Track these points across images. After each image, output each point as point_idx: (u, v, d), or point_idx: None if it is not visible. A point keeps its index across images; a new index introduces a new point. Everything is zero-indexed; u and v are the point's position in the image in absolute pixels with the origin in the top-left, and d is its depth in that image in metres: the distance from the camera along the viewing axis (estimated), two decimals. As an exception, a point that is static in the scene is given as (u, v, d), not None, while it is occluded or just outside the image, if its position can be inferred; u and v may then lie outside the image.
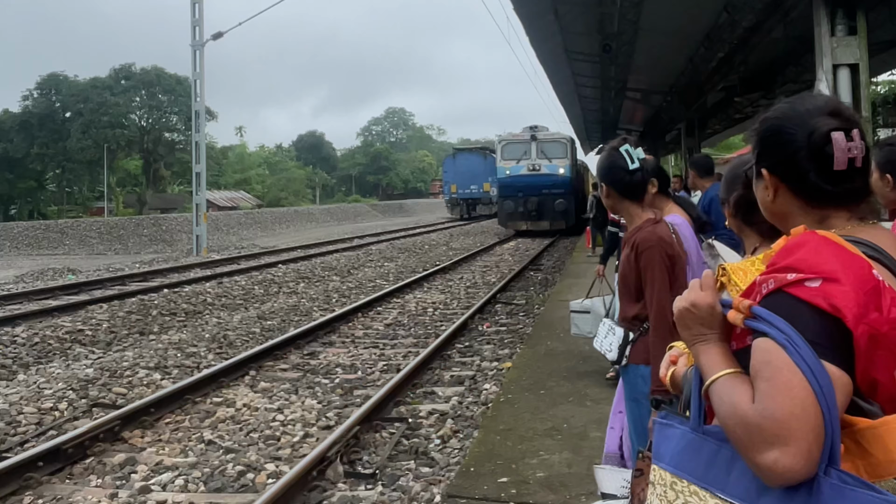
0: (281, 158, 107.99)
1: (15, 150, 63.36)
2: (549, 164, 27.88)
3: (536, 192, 27.64)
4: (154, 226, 38.72)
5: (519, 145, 28.57)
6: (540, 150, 28.10)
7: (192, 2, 25.15)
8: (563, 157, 28.16)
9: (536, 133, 28.50)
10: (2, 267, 27.40)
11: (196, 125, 25.69)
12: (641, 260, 2.78)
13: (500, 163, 28.97)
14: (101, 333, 10.32)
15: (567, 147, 28.68)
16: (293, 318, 11.49)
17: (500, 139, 29.53)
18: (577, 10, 13.58)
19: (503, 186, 28.87)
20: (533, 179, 27.80)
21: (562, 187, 27.92)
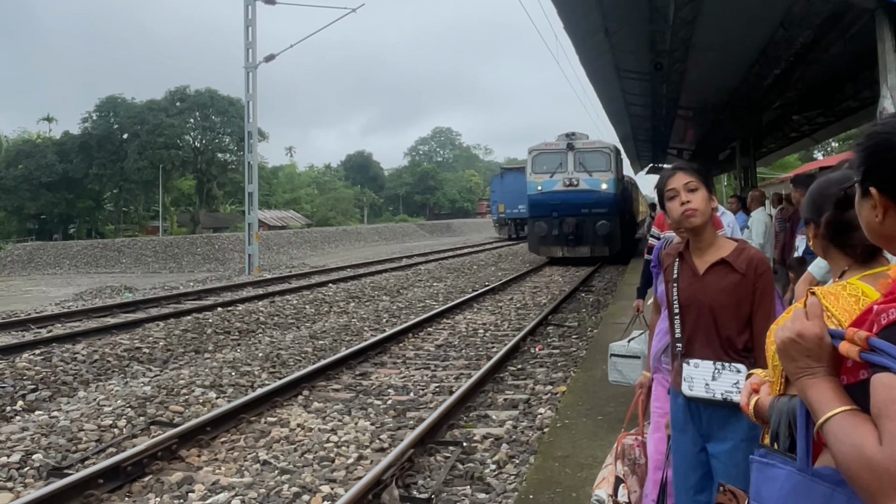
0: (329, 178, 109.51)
1: (75, 170, 65.48)
2: (588, 179, 23.27)
3: (574, 211, 23.23)
4: (207, 245, 39.46)
5: (553, 156, 23.78)
6: (578, 162, 23.39)
7: (245, 25, 25.75)
8: (605, 170, 23.47)
9: (574, 141, 23.70)
10: (62, 284, 28.24)
11: (248, 146, 26.19)
12: (761, 282, 2.56)
13: (531, 177, 24.11)
14: (158, 351, 10.50)
15: (610, 158, 23.74)
16: (344, 337, 11.53)
17: (531, 149, 24.37)
18: (627, 28, 13.50)
19: (534, 205, 24.18)
20: (570, 196, 23.25)
21: (605, 206, 23.26)
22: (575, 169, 23.38)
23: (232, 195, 77.29)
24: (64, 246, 43.71)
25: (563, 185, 23.40)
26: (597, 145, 24.08)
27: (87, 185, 67.71)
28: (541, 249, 24.56)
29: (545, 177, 23.67)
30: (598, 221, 23.17)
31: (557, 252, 23.98)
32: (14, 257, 40.88)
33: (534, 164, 24.14)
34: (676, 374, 2.64)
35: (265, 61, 26.09)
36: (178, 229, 68.64)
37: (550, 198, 23.45)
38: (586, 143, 23.91)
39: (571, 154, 23.52)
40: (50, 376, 8.85)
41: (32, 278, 34.08)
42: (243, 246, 28.73)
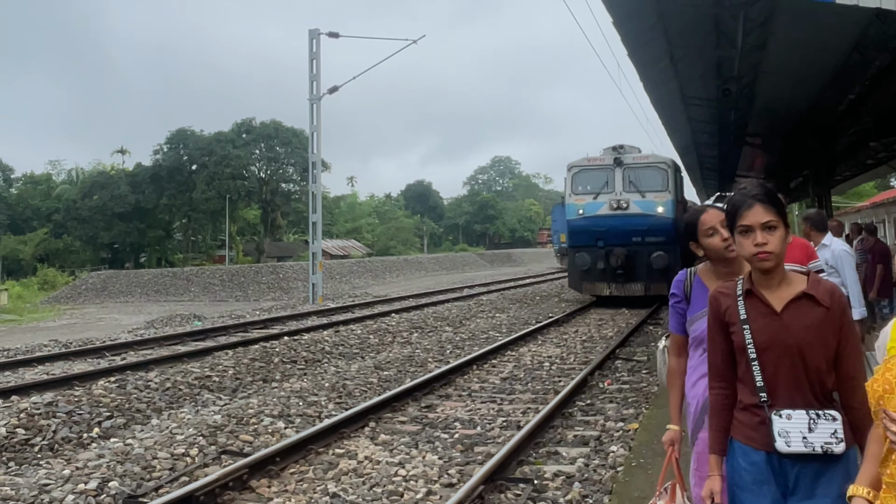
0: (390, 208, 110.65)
1: (146, 200, 67.76)
2: (641, 200, 19.60)
3: (623, 240, 19.66)
4: (272, 274, 40.21)
5: (596, 173, 20.21)
6: (628, 180, 19.81)
7: (310, 58, 26.40)
8: (661, 190, 19.64)
9: (622, 155, 20.06)
10: (133, 312, 29.11)
11: (312, 176, 26.67)
12: (845, 317, 2.36)
13: (571, 198, 20.57)
14: (228, 380, 10.66)
15: (667, 175, 19.90)
16: (409, 368, 11.51)
17: (571, 165, 20.74)
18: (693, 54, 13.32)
19: (575, 232, 20.56)
20: (618, 222, 19.65)
21: (661, 233, 19.46)
22: (624, 189, 19.72)
23: (295, 224, 78.82)
24: (135, 274, 45.16)
25: (610, 209, 19.70)
26: (650, 160, 20.16)
27: (158, 214, 69.97)
28: (583, 286, 20.79)
29: (588, 198, 20.09)
30: (653, 253, 19.33)
31: (603, 290, 20.26)
32: (88, 285, 42.38)
33: (574, 184, 20.50)
34: (754, 430, 2.35)
35: (329, 93, 26.67)
36: (244, 258, 70.21)
37: (594, 223, 19.84)
38: (638, 158, 20.08)
39: (619, 171, 19.84)
40: (124, 403, 9.06)
41: (105, 306, 35.25)
42: (307, 275, 29.17)
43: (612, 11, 10.47)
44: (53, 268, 55.79)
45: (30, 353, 14.22)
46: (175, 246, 76.11)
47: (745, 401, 2.40)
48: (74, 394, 9.10)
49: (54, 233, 71.14)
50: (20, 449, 7.44)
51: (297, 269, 40.66)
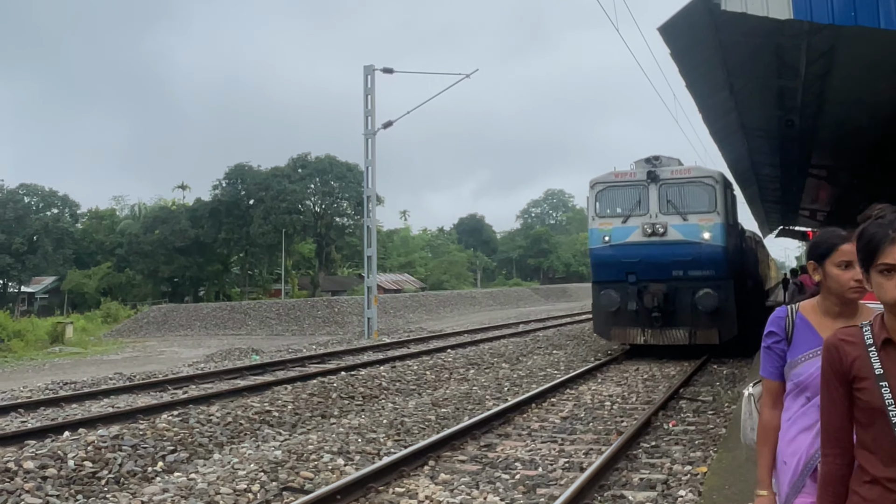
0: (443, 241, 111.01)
1: (205, 235, 69.45)
2: (682, 225, 16.07)
3: (660, 274, 16.15)
4: (327, 308, 40.59)
5: (626, 190, 16.71)
6: (665, 200, 16.29)
7: (365, 94, 26.86)
8: (708, 211, 16.09)
9: (658, 168, 16.52)
10: (193, 346, 29.66)
11: (367, 210, 26.96)
12: None
13: (595, 222, 17.05)
14: (287, 415, 10.70)
15: (715, 193, 16.20)
16: (466, 405, 11.40)
17: (594, 182, 17.22)
18: (754, 84, 13.13)
19: (600, 264, 17.02)
20: (653, 251, 16.14)
21: (709, 265, 15.94)
22: (661, 210, 16.16)
23: (349, 258, 79.66)
24: (195, 308, 46.10)
25: (643, 235, 16.12)
26: (693, 174, 16.44)
27: (217, 249, 71.58)
28: (611, 332, 16.83)
29: (615, 222, 16.53)
30: (699, 290, 15.76)
31: (636, 336, 16.45)
32: (150, 319, 43.40)
33: (598, 204, 16.95)
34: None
35: (383, 128, 27.04)
36: (299, 292, 71.15)
37: (624, 253, 16.31)
38: (677, 172, 16.44)
39: (654, 188, 16.27)
40: (187, 437, 9.15)
41: (166, 339, 36.02)
42: (362, 309, 29.36)
43: (669, 43, 10.39)
44: (116, 301, 57.36)
45: (95, 385, 14.57)
46: (233, 280, 77.63)
47: (874, 473, 1.97)
48: (139, 427, 9.24)
49: (117, 267, 73.32)
50: (88, 482, 7.56)
51: (352, 304, 40.97)
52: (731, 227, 16.65)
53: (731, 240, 16.54)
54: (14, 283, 76.04)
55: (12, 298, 72.90)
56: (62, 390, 14.12)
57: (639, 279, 16.32)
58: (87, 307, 61.39)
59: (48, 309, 69.43)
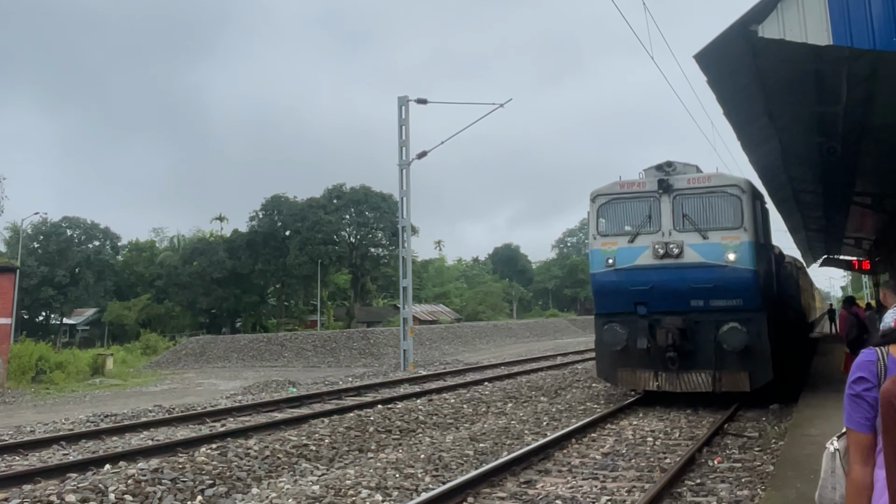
0: (478, 272, 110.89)
1: (242, 266, 70.29)
2: (701, 244, 13.48)
3: (676, 304, 13.57)
4: (363, 339, 40.64)
5: (634, 204, 14.24)
6: (680, 214, 13.75)
7: (399, 125, 27.10)
8: (733, 227, 13.44)
9: (671, 176, 14.04)
10: (230, 377, 29.85)
11: (402, 240, 27.03)
12: None
13: (597, 242, 14.47)
14: (324, 449, 10.64)
15: (741, 205, 13.53)
16: (505, 440, 11.23)
17: (595, 194, 14.72)
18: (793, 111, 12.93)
19: (602, 293, 14.43)
20: (667, 277, 13.62)
21: (736, 293, 13.27)
22: (675, 226, 13.63)
23: (384, 289, 79.94)
24: (232, 340, 46.51)
25: (654, 257, 13.60)
26: (714, 182, 13.80)
27: (253, 280, 72.36)
28: (618, 375, 14.19)
29: (621, 241, 14.04)
30: (723, 324, 13.15)
31: (648, 381, 13.81)
32: (188, 350, 43.87)
33: (600, 220, 14.47)
34: None
35: (417, 158, 27.21)
36: (335, 323, 71.45)
37: (631, 279, 13.81)
38: (695, 180, 13.86)
39: (667, 200, 13.77)
40: (226, 471, 9.13)
41: (204, 371, 36.32)
42: (397, 341, 29.31)
43: (706, 71, 10.30)
44: (155, 333, 58.18)
45: (135, 418, 14.68)
46: (269, 311, 78.31)
47: None
48: (178, 460, 9.26)
49: (156, 298, 74.47)
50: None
51: (388, 335, 40.96)
52: (761, 247, 13.76)
53: (763, 262, 13.82)
54: (56, 315, 77.60)
55: (55, 330, 74.36)
56: (103, 423, 14.25)
57: (650, 311, 13.72)
58: (128, 339, 62.34)
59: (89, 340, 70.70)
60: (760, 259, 13.51)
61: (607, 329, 14.01)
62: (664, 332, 13.43)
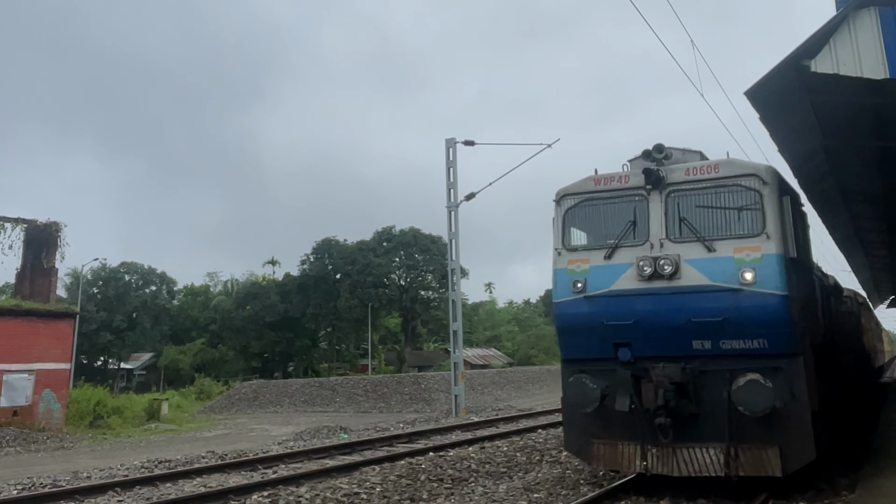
0: (529, 314, 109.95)
1: (294, 310, 71.03)
2: (705, 259, 9.70)
3: (672, 346, 9.77)
4: (413, 384, 40.45)
5: (612, 207, 10.66)
6: (676, 217, 10.14)
7: (447, 167, 27.23)
8: (750, 235, 9.61)
9: (665, 166, 10.36)
10: (282, 423, 29.93)
11: (452, 283, 26.95)
12: None
13: (562, 260, 10.64)
14: (375, 498, 10.48)
15: (762, 203, 9.68)
16: (560, 491, 10.89)
17: (563, 194, 11.00)
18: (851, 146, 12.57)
19: (568, 330, 10.52)
20: (658, 307, 9.80)
21: (757, 330, 9.33)
22: (670, 234, 10.00)
23: (435, 332, 79.74)
24: (284, 384, 46.80)
25: (640, 278, 9.90)
26: (724, 172, 10.05)
27: (305, 324, 73.00)
28: (592, 449, 10.13)
29: (594, 257, 10.36)
30: (740, 375, 9.32)
31: (632, 459, 9.80)
32: (241, 395, 44.26)
33: (566, 228, 10.79)
34: None
35: (465, 200, 27.23)
36: (386, 367, 71.43)
37: (606, 310, 10.07)
38: (697, 171, 10.18)
39: (658, 199, 10.21)
40: (276, 522, 9.04)
41: (256, 416, 36.53)
42: (448, 386, 29.05)
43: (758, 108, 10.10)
44: (209, 377, 58.93)
45: (189, 464, 14.74)
46: (321, 355, 78.75)
47: None
48: (230, 510, 9.20)
49: (210, 342, 75.62)
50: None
51: (439, 380, 40.69)
52: (795, 264, 9.76)
53: (799, 285, 9.93)
54: (114, 360, 79.33)
55: (112, 375, 75.96)
56: (157, 469, 14.33)
57: (635, 356, 9.82)
58: (182, 383, 63.28)
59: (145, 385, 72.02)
60: (794, 280, 9.56)
61: (574, 383, 9.98)
62: (653, 388, 9.38)
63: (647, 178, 10.11)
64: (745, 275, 9.28)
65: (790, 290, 9.27)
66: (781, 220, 9.64)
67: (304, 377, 60.43)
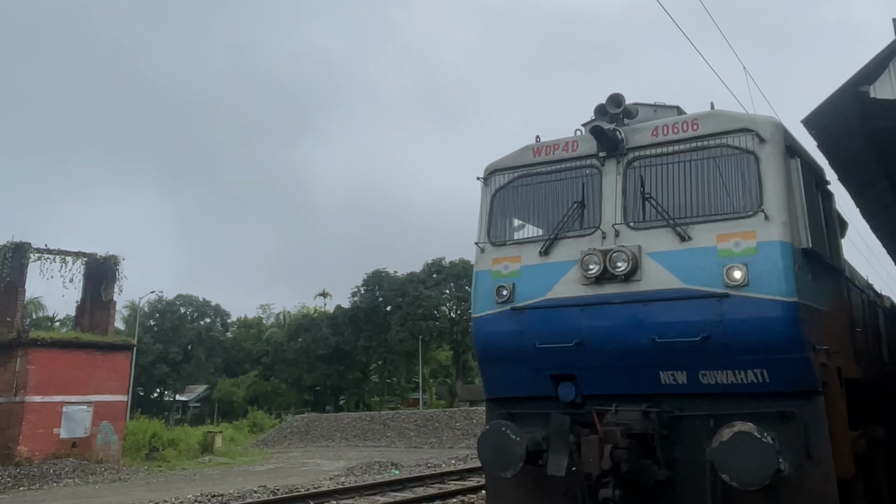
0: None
1: (345, 343, 71.34)
2: (674, 253, 6.76)
3: (632, 379, 6.88)
4: (465, 419, 40.07)
5: (556, 185, 7.68)
6: (635, 192, 7.17)
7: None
8: (741, 215, 6.62)
9: (626, 129, 7.38)
10: (334, 457, 29.90)
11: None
12: None
13: (486, 258, 7.84)
14: (428, 539, 10.33)
15: (757, 171, 6.69)
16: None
17: (491, 169, 8.13)
18: (914, 173, 12.16)
19: (490, 358, 7.64)
20: (608, 321, 6.87)
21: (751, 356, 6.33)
22: (628, 216, 7.17)
23: (486, 366, 79.04)
24: (336, 418, 46.87)
25: (585, 280, 7.04)
26: (705, 128, 7.02)
27: (356, 356, 73.22)
28: None
29: (526, 253, 7.65)
30: (722, 421, 6.31)
31: None
32: (293, 428, 44.45)
33: (493, 214, 8.07)
34: None
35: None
36: (436, 402, 71.05)
37: (540, 327, 7.22)
38: (667, 129, 7.24)
39: (615, 170, 7.39)
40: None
41: (308, 450, 36.60)
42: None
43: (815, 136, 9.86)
44: (262, 410, 59.42)
45: (241, 498, 14.77)
46: (372, 388, 78.74)
47: None
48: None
49: (263, 375, 76.30)
50: None
51: (490, 414, 40.20)
52: (809, 258, 6.93)
53: (818, 289, 7.14)
54: (170, 392, 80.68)
55: (168, 406, 77.21)
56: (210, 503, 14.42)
57: (582, 394, 7.16)
58: (236, 415, 63.90)
59: (200, 417, 72.93)
60: (809, 282, 6.80)
61: (489, 434, 6.95)
62: (596, 444, 6.44)
63: (599, 141, 7.30)
64: (734, 272, 6.44)
65: (802, 294, 6.42)
66: (788, 193, 6.75)
67: (355, 410, 60.53)
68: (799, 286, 6.43)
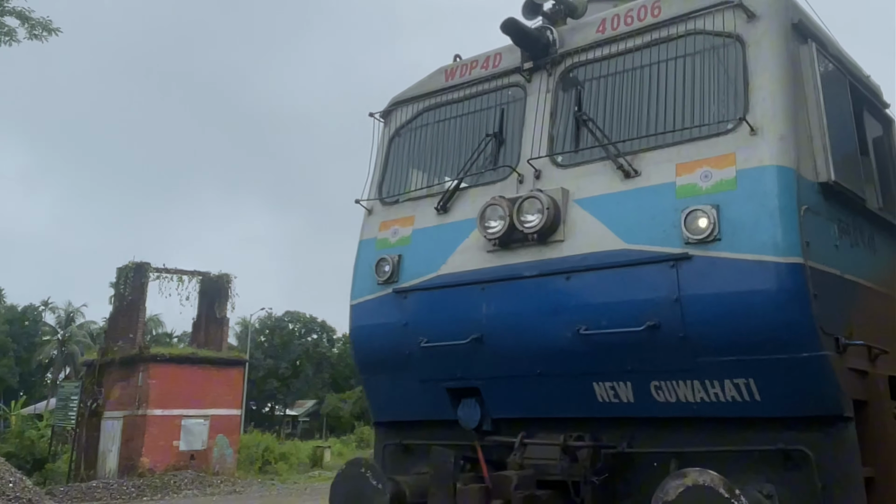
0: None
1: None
2: (611, 198, 4.57)
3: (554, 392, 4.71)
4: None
5: (467, 119, 5.64)
6: (566, 114, 5.04)
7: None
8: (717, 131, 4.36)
9: (561, 29, 5.28)
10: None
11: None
12: None
13: (373, 222, 5.92)
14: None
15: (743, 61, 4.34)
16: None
17: (393, 101, 6.19)
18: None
19: (365, 360, 5.76)
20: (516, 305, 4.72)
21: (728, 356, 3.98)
22: (554, 145, 5.07)
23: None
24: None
25: (489, 246, 4.95)
26: (667, 13, 4.76)
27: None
28: None
29: (420, 212, 5.58)
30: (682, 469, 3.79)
31: None
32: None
33: (388, 162, 6.12)
34: None
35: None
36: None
37: (428, 316, 5.19)
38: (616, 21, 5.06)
39: (545, 84, 5.17)
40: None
41: (414, 464, 36.48)
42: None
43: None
44: (369, 426, 59.96)
45: (352, 515, 14.66)
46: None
47: None
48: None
49: (369, 391, 77.02)
50: None
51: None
52: (836, 197, 4.59)
53: (849, 247, 4.72)
54: (280, 407, 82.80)
55: (278, 421, 79.18)
56: (322, 519, 14.36)
57: (488, 415, 5.11)
58: (343, 430, 64.80)
59: (309, 432, 74.38)
60: (833, 235, 4.54)
61: (345, 478, 5.12)
62: (481, 498, 4.52)
63: (520, 45, 5.22)
64: (698, 220, 4.18)
65: (814, 253, 4.07)
66: (792, 93, 4.37)
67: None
68: (808, 239, 3.99)
